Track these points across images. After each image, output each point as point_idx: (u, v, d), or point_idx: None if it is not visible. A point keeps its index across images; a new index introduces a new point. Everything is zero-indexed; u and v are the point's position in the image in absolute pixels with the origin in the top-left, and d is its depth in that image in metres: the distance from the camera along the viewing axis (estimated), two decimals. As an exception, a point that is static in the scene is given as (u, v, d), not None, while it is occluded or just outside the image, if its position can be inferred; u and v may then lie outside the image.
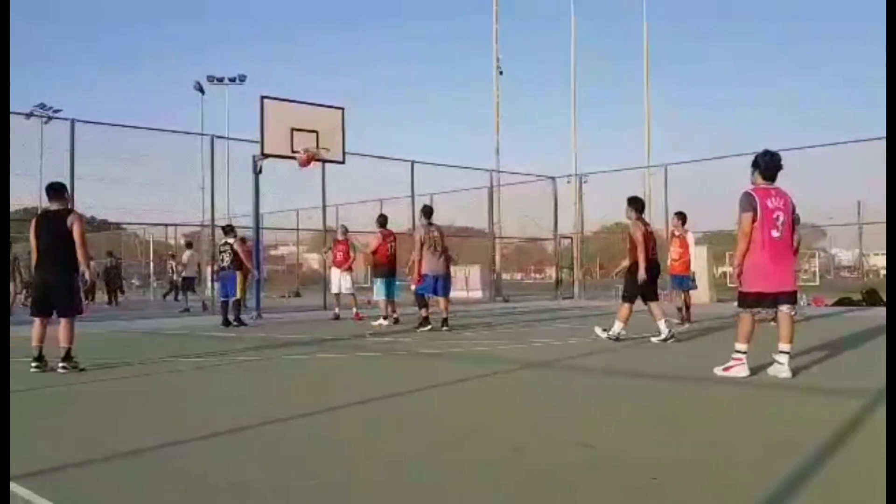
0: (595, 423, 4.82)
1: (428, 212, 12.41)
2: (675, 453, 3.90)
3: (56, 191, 7.62)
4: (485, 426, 4.70)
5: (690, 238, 12.98)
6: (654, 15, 46.80)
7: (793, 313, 6.54)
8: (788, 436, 4.27)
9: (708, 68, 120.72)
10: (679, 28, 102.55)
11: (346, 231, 15.34)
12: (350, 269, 15.04)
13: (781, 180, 6.52)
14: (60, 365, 7.30)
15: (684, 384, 6.44)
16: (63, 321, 7.40)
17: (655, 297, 9.79)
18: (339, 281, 14.94)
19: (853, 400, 5.14)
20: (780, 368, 6.33)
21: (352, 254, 15.19)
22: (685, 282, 12.81)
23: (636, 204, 9.86)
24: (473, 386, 6.52)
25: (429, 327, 11.70)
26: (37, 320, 7.48)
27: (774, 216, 6.28)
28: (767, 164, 6.43)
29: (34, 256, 7.54)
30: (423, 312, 11.91)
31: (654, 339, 9.50)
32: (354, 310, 14.50)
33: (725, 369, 6.49)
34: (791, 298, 6.48)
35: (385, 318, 13.21)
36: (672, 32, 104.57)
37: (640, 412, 5.17)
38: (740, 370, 6.40)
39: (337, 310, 15.10)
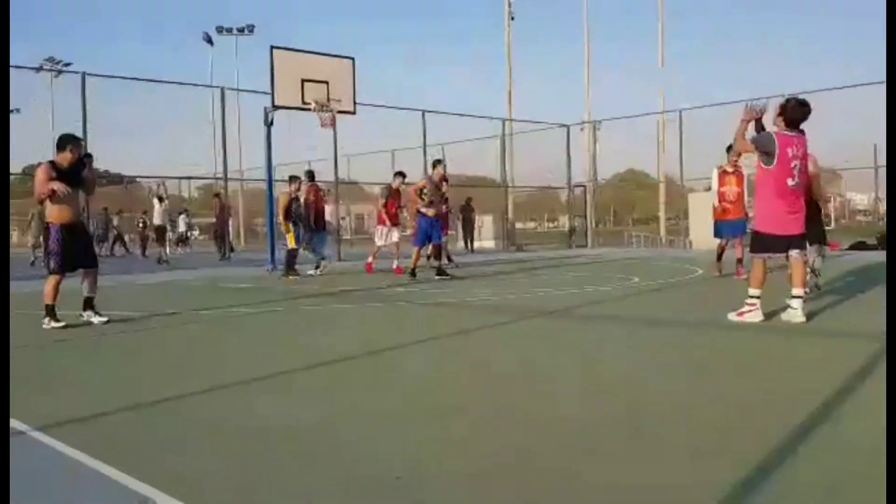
0: (614, 369, 4.87)
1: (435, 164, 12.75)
2: (689, 397, 3.95)
3: (61, 142, 7.27)
4: (519, 372, 4.78)
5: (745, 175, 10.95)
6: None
7: (804, 258, 6.54)
8: (803, 380, 4.31)
9: (724, 7, 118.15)
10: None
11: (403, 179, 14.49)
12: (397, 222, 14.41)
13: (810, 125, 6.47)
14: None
15: (699, 330, 6.49)
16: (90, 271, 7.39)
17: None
18: (388, 234, 14.38)
19: (868, 342, 5.17)
20: (794, 313, 6.34)
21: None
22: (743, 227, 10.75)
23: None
24: (491, 335, 6.58)
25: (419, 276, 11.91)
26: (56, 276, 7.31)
27: (792, 165, 6.27)
28: (793, 112, 6.34)
29: None
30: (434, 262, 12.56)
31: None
32: (396, 263, 13.65)
33: (739, 315, 6.49)
34: (801, 242, 6.50)
35: (317, 268, 13.82)
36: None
37: (657, 358, 5.23)
38: (754, 315, 6.41)
39: (371, 260, 14.30)
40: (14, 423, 3.60)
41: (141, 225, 24.85)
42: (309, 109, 15.28)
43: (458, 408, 3.85)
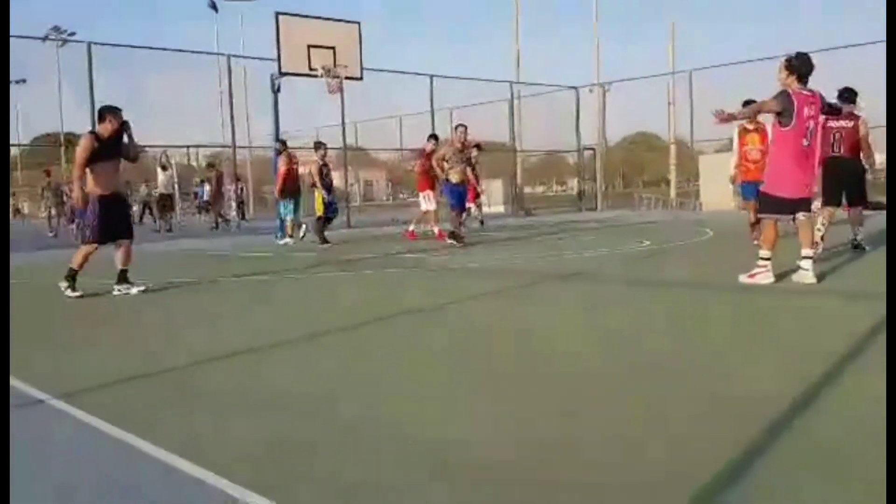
0: (626, 330, 4.89)
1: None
2: (692, 354, 3.97)
3: (100, 112, 7.48)
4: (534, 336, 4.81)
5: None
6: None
7: (811, 219, 6.50)
8: (817, 340, 4.32)
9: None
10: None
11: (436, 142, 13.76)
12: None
13: (820, 82, 6.38)
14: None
15: (709, 292, 6.49)
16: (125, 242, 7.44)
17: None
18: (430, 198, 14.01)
19: (879, 303, 5.16)
20: (805, 274, 6.31)
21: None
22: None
23: (848, 96, 8.63)
24: (506, 297, 6.61)
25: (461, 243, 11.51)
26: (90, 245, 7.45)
27: (807, 125, 6.18)
28: (803, 66, 6.23)
29: None
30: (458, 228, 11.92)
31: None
32: (437, 228, 12.86)
33: (750, 276, 6.43)
34: (808, 205, 6.45)
35: (291, 237, 13.71)
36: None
37: (667, 319, 5.24)
38: (765, 277, 6.36)
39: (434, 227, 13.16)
40: (34, 392, 3.67)
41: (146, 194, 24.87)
42: (316, 76, 15.23)
43: (491, 372, 3.88)
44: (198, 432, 3.02)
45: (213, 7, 41.48)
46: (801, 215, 6.40)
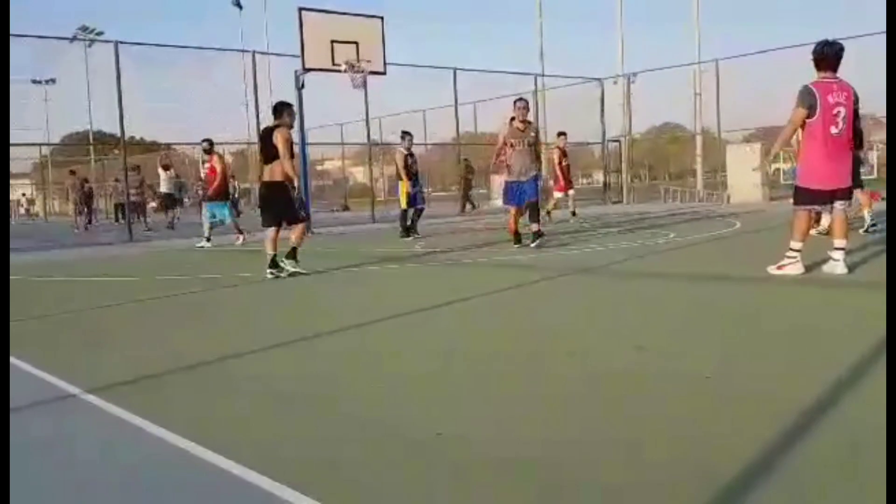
0: (649, 326, 4.85)
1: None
2: (720, 353, 3.93)
3: (275, 109, 8.21)
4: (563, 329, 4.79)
5: None
6: None
7: (846, 210, 6.39)
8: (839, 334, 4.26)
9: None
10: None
11: None
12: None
13: (850, 67, 6.25)
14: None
15: (739, 285, 6.42)
16: (297, 226, 8.17)
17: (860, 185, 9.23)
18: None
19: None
20: (836, 265, 6.22)
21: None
22: None
23: None
24: (536, 291, 6.59)
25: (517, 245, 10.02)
26: (268, 232, 8.16)
27: (835, 112, 6.05)
28: (828, 55, 6.15)
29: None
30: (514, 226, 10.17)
31: (860, 231, 9.29)
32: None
33: (779, 267, 6.38)
34: (846, 195, 6.33)
35: (208, 238, 12.93)
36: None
37: (699, 315, 5.19)
38: (794, 268, 6.30)
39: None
40: (66, 386, 3.72)
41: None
42: (340, 71, 15.24)
43: (506, 369, 3.87)
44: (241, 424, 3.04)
45: (238, 5, 41.78)
46: (837, 204, 6.29)
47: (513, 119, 9.88)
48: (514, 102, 10.03)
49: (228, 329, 5.46)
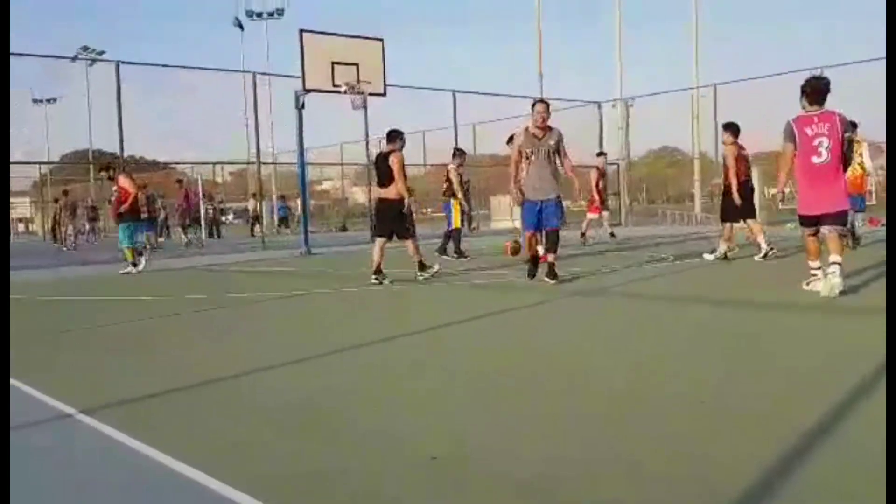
0: (647, 347, 4.84)
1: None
2: (720, 374, 3.92)
3: (389, 136, 9.21)
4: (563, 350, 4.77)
5: (865, 150, 11.06)
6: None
7: (836, 232, 6.58)
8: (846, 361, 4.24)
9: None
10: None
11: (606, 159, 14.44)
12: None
13: (839, 97, 6.45)
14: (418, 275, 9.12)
15: (738, 307, 6.43)
16: (407, 242, 9.11)
17: (754, 216, 10.31)
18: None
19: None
20: (832, 279, 6.36)
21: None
22: (858, 202, 11.05)
23: (732, 128, 10.40)
24: (535, 314, 6.58)
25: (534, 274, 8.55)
26: (378, 241, 9.05)
27: (815, 143, 6.44)
28: (812, 90, 6.56)
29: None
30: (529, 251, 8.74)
31: (756, 258, 9.91)
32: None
33: (807, 284, 6.75)
34: (837, 219, 6.61)
35: (135, 264, 12.14)
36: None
37: (705, 339, 5.18)
38: (818, 284, 6.56)
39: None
40: (61, 406, 3.70)
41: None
42: (340, 92, 15.31)
43: (504, 385, 3.85)
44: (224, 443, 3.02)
45: (239, 26, 42.10)
46: (823, 229, 6.60)
47: (527, 128, 8.24)
48: (532, 105, 8.32)
49: (230, 347, 5.44)
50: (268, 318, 6.99)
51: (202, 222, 23.89)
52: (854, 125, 10.52)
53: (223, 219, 32.96)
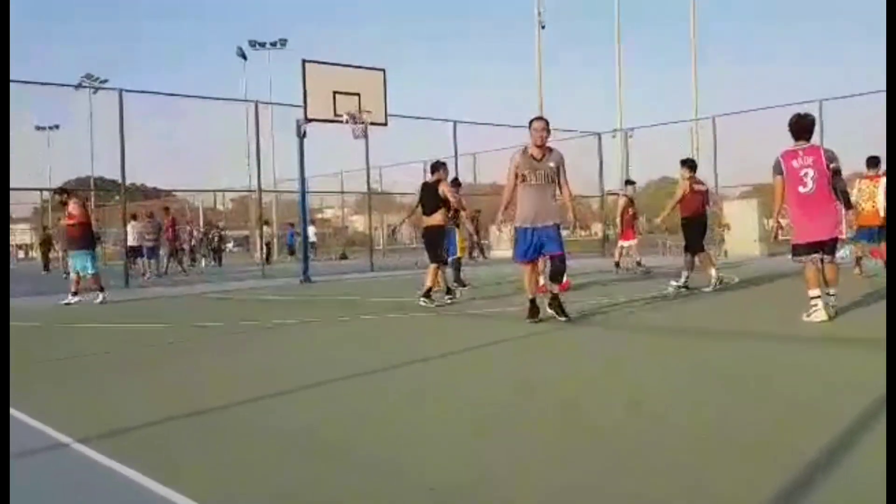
0: (647, 379, 4.83)
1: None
2: (719, 407, 3.90)
3: (433, 167, 10.36)
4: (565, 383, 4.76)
5: (882, 186, 11.11)
6: (699, -39, 45.22)
7: (832, 261, 7.06)
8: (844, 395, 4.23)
9: (759, 12, 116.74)
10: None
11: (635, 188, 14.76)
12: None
13: (842, 129, 6.76)
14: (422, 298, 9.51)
15: (737, 339, 6.43)
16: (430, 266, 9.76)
17: (702, 249, 10.67)
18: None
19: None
20: (824, 308, 6.82)
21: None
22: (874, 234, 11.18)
23: (689, 164, 10.95)
24: (535, 343, 6.56)
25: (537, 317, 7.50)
26: (431, 267, 9.68)
27: (801, 174, 6.88)
28: (795, 127, 7.07)
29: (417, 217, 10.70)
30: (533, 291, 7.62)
31: (706, 289, 10.21)
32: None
33: (807, 315, 6.86)
34: (829, 247, 6.99)
35: (74, 293, 11.64)
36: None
37: (685, 371, 5.17)
38: (818, 314, 6.80)
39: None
40: (56, 435, 3.67)
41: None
42: (341, 121, 15.42)
43: (500, 419, 3.83)
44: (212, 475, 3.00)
45: (242, 56, 42.53)
46: (815, 256, 6.94)
47: (526, 148, 7.55)
48: (530, 123, 7.56)
49: (230, 375, 5.42)
50: (262, 347, 6.97)
51: (195, 250, 23.80)
52: (876, 161, 11.34)
53: (224, 246, 32.96)
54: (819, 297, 6.83)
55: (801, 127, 7.08)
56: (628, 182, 16.33)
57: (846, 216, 8.06)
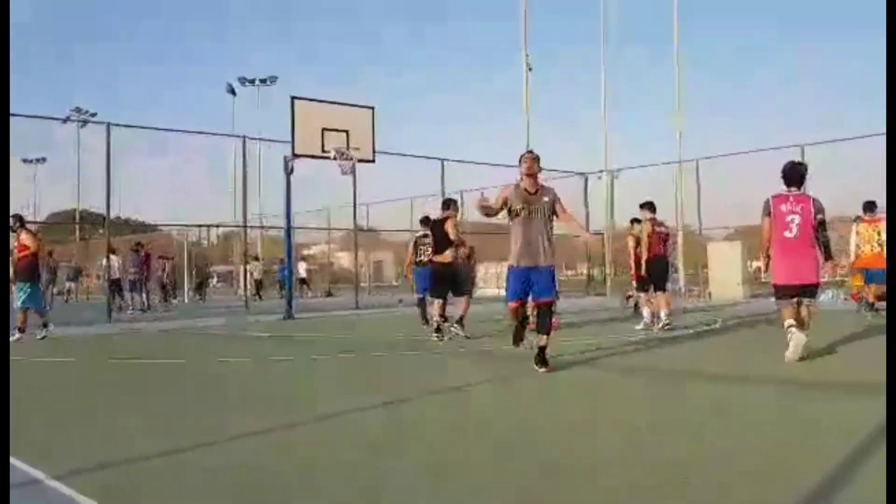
0: (625, 421, 4.80)
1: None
2: (685, 455, 3.88)
3: (444, 204, 10.72)
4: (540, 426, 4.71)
5: (883, 228, 11.56)
6: (685, 11, 46.24)
7: (811, 305, 7.28)
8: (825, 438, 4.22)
9: (743, 59, 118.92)
10: (713, 16, 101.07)
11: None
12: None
13: (826, 171, 6.96)
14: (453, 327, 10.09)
15: (716, 381, 6.42)
16: (461, 298, 10.33)
17: (664, 289, 11.03)
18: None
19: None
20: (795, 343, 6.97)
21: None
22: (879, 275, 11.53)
23: (650, 206, 11.45)
24: (522, 386, 6.52)
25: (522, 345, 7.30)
26: (437, 300, 10.11)
27: (788, 219, 7.15)
28: (787, 173, 7.36)
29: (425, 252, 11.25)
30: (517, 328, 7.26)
31: (654, 329, 10.66)
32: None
33: (787, 346, 6.96)
34: (807, 292, 7.21)
35: (22, 330, 10.99)
36: (706, 21, 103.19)
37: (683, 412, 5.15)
38: (794, 341, 6.94)
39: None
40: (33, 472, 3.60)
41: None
42: (329, 158, 15.48)
43: (490, 462, 3.79)
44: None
45: (232, 91, 42.79)
46: (796, 300, 7.18)
47: (518, 184, 7.04)
48: (520, 158, 7.08)
49: (184, 415, 5.35)
50: (230, 385, 6.88)
51: (167, 285, 23.32)
52: (873, 205, 11.83)
53: (209, 282, 32.79)
54: (794, 325, 7.01)
55: (795, 174, 7.35)
56: (635, 221, 15.95)
57: (825, 266, 8.30)
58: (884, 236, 11.46)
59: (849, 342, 8.46)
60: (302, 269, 31.09)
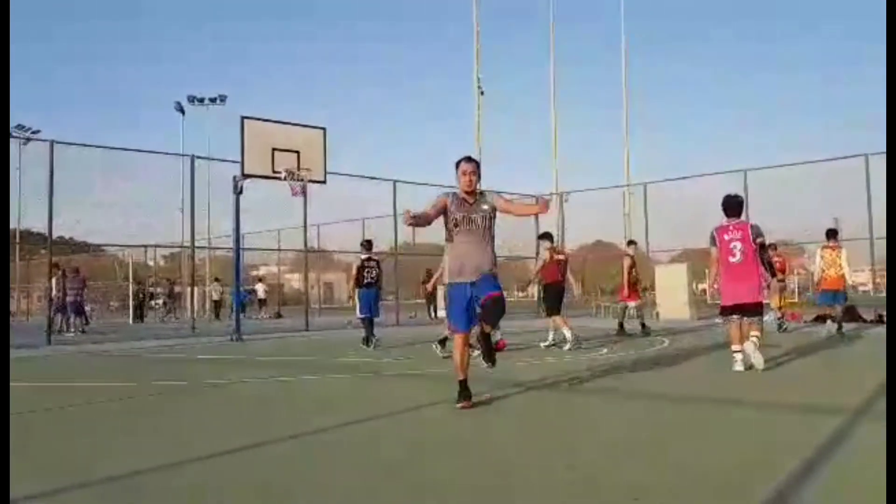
0: (581, 443, 4.81)
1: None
2: (657, 475, 3.90)
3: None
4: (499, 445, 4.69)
5: (844, 255, 12.92)
6: (633, 32, 47.37)
7: (753, 322, 8.14)
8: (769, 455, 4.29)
9: (689, 85, 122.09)
10: (659, 43, 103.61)
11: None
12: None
13: (769, 196, 7.67)
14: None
15: (668, 401, 6.49)
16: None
17: (558, 311, 11.98)
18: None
19: (829, 417, 5.18)
20: (735, 363, 7.95)
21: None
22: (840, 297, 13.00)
23: (548, 237, 12.77)
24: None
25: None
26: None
27: (731, 246, 8.10)
28: (725, 205, 8.33)
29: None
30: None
31: (542, 344, 11.76)
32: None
33: (733, 368, 7.87)
34: (751, 310, 8.12)
35: None
36: (652, 47, 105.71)
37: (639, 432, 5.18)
38: (737, 365, 7.92)
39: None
40: None
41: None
42: (279, 178, 15.34)
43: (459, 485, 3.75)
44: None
45: (181, 110, 42.17)
46: (744, 318, 8.10)
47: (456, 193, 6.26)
48: (457, 164, 6.23)
49: (143, 439, 5.20)
50: (166, 411, 6.72)
51: (82, 305, 22.16)
52: (835, 233, 13.17)
53: (152, 303, 32.09)
54: (740, 350, 7.97)
55: (731, 205, 8.35)
56: (631, 242, 16.31)
57: (770, 283, 9.01)
58: (843, 262, 12.65)
59: (806, 360, 8.69)
60: (261, 290, 31.39)
